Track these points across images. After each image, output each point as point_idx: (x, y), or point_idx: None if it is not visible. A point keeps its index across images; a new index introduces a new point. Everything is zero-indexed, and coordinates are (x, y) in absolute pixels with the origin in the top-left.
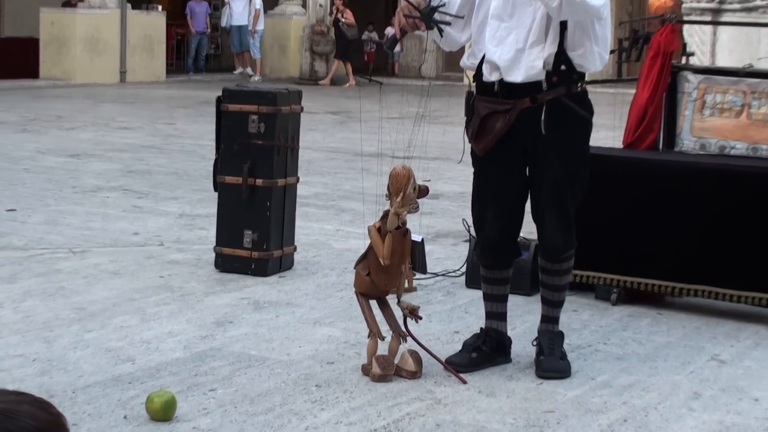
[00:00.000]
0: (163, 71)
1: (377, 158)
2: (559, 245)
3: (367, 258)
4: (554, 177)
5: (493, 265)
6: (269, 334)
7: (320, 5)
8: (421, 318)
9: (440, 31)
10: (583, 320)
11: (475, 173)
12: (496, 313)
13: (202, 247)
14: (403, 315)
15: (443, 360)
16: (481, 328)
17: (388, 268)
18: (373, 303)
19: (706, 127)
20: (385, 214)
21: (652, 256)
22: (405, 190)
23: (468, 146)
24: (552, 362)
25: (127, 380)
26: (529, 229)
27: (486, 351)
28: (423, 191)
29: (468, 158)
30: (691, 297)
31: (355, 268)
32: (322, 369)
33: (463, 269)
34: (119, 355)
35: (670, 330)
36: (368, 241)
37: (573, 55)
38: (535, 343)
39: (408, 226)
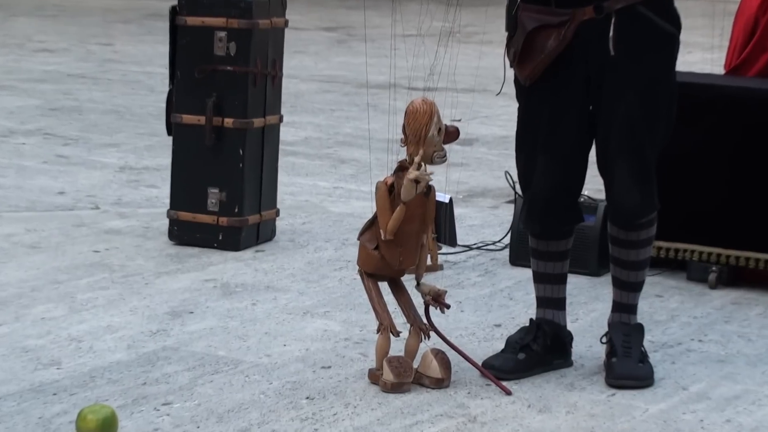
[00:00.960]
0: None
1: (389, 90)
2: (635, 206)
3: (375, 226)
4: (628, 114)
5: (546, 233)
6: (243, 329)
7: None
8: (448, 306)
9: None
10: (670, 309)
11: (520, 109)
12: (552, 300)
13: (151, 211)
14: (425, 303)
15: (479, 363)
16: (531, 320)
17: (403, 240)
18: (385, 287)
19: None
20: (401, 165)
21: (765, 223)
22: (426, 133)
23: (511, 73)
24: (628, 366)
25: (51, 391)
26: (595, 186)
27: (538, 351)
28: (451, 134)
29: (510, 89)
30: None
31: (359, 239)
32: (315, 375)
33: (507, 240)
34: (40, 357)
35: None
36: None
37: None
38: (604, 340)
39: (432, 181)
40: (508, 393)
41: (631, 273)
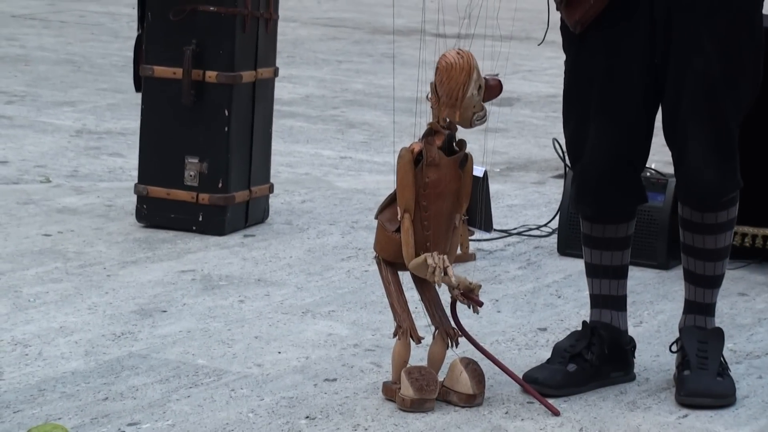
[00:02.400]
0: None
1: (411, 37)
2: (713, 183)
3: (395, 204)
4: (703, 69)
5: (601, 215)
6: (228, 332)
7: None
8: (481, 304)
9: None
10: (757, 311)
11: (568, 63)
12: (609, 298)
13: (115, 185)
14: (452, 298)
15: (520, 377)
16: (584, 323)
17: (433, 221)
18: (407, 278)
19: None
20: (431, 129)
21: None
22: (464, 94)
23: (556, 17)
24: (704, 381)
25: None
26: (663, 158)
27: (592, 361)
28: (493, 89)
29: (557, 37)
30: None
31: (377, 218)
32: (317, 390)
33: (554, 224)
34: None
35: None
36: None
37: None
38: (675, 348)
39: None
40: (556, 413)
41: (707, 264)
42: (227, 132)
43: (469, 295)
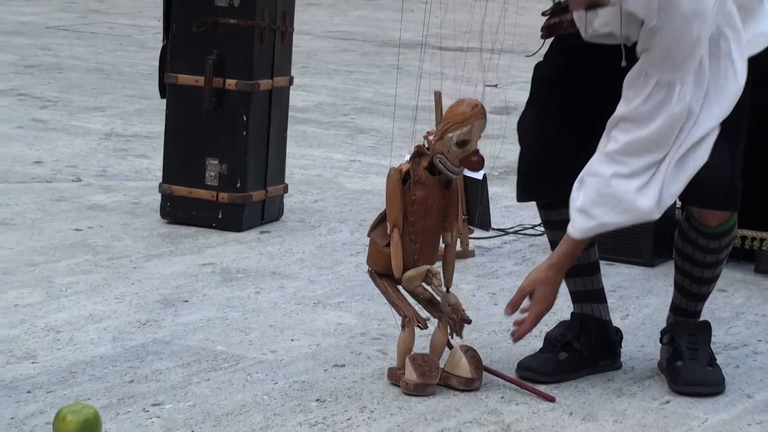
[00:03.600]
0: None
1: (416, 50)
2: (727, 182)
3: (385, 222)
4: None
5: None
6: (245, 321)
7: None
8: (468, 322)
9: None
10: (735, 306)
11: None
12: (587, 293)
13: (140, 184)
14: (445, 318)
15: (515, 367)
16: (573, 314)
17: (420, 236)
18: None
19: None
20: (418, 151)
21: None
22: (446, 132)
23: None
24: (697, 371)
25: (25, 388)
26: None
27: (582, 351)
28: (471, 163)
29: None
30: None
31: (369, 235)
32: (327, 375)
33: None
34: (13, 349)
35: None
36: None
37: None
38: (665, 340)
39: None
40: (551, 400)
41: (702, 287)
42: (245, 136)
43: (456, 314)
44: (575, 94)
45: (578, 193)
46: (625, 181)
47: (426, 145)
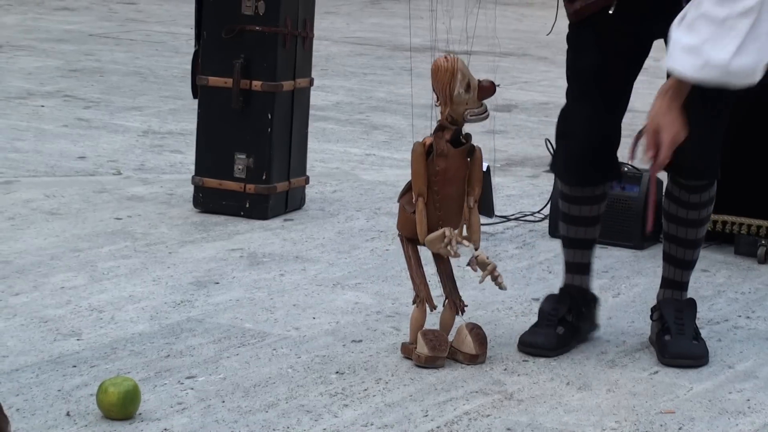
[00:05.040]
0: None
1: (425, 54)
2: (711, 153)
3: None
4: None
5: (582, 183)
6: (270, 301)
7: None
8: (504, 288)
9: None
10: (716, 284)
11: (569, 52)
12: (580, 265)
13: (175, 177)
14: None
15: (517, 338)
16: (562, 289)
17: (443, 203)
18: (426, 253)
19: None
20: (441, 125)
21: None
22: (450, 92)
23: (561, 11)
24: (684, 344)
25: (71, 363)
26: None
27: (573, 322)
28: (486, 89)
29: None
30: None
31: (399, 201)
32: (345, 349)
33: (546, 211)
34: (59, 327)
35: None
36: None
37: None
38: (655, 317)
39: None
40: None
41: (687, 251)
42: (270, 132)
43: (483, 266)
44: (617, 85)
45: (685, 31)
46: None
47: (447, 119)
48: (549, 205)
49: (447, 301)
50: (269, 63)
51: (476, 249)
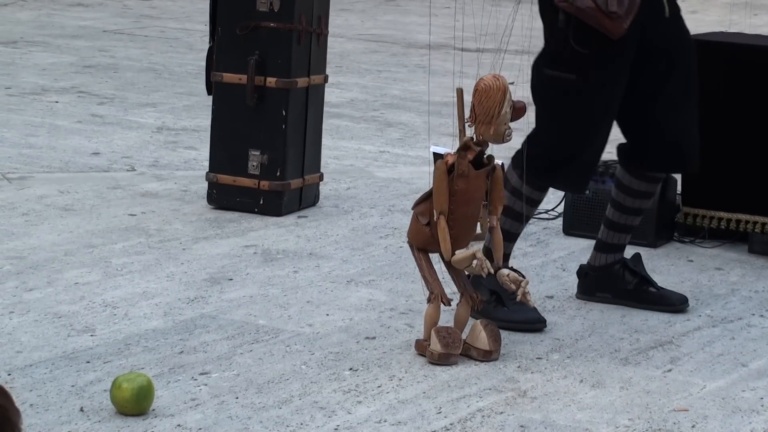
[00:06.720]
0: None
1: (440, 51)
2: (695, 147)
3: (430, 202)
4: (690, 62)
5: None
6: (284, 297)
7: None
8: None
9: None
10: (730, 283)
11: (581, 78)
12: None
13: (189, 173)
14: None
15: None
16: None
17: (457, 223)
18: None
19: None
20: (466, 145)
21: None
22: (499, 111)
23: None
24: (672, 292)
25: (85, 358)
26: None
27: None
28: (519, 110)
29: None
30: None
31: (413, 209)
32: (359, 346)
33: (560, 209)
34: (73, 323)
35: None
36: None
37: None
38: (627, 275)
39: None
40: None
41: (636, 219)
42: (284, 129)
43: (516, 283)
44: (604, 101)
45: None
46: None
47: (475, 138)
48: (563, 203)
49: (462, 296)
50: (284, 60)
51: (500, 267)
